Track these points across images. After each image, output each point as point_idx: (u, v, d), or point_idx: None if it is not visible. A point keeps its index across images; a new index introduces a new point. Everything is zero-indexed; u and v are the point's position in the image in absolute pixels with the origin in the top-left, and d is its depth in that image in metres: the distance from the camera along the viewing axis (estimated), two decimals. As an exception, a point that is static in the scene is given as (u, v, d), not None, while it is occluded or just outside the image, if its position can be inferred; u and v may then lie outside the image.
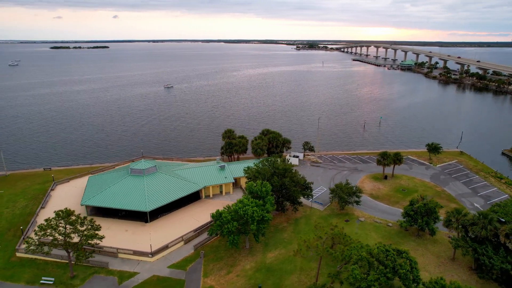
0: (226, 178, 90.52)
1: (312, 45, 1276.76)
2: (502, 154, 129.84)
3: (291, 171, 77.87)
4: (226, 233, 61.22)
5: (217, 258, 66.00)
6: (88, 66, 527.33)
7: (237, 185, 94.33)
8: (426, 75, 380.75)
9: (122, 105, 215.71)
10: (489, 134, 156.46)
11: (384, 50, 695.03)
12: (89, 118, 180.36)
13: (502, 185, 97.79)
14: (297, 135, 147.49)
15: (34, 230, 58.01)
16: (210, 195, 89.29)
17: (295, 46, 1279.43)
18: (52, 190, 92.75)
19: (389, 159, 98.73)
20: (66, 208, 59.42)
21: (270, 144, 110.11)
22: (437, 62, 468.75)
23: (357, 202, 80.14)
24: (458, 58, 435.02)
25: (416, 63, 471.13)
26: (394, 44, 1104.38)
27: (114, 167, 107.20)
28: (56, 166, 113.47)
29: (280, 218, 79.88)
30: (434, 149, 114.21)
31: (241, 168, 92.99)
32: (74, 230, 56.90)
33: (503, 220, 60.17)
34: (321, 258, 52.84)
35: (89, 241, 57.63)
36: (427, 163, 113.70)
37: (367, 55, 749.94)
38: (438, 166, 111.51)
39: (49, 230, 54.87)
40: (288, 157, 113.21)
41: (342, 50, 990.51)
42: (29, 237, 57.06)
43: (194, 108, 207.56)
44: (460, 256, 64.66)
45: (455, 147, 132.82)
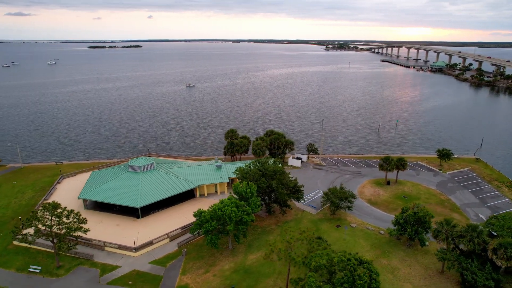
0: (221, 178, 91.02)
1: (342, 45, 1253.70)
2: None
3: (282, 173, 76.96)
4: (204, 232, 61.64)
5: (198, 257, 66.60)
6: (118, 65, 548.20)
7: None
8: (457, 77, 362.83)
9: (142, 103, 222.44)
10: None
11: (415, 51, 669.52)
12: (107, 115, 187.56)
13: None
14: (306, 137, 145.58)
15: (22, 221, 61.26)
16: (205, 194, 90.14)
17: (325, 47, 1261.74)
18: (58, 183, 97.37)
19: (391, 164, 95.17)
20: (53, 201, 62.25)
21: (272, 145, 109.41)
22: (471, 64, 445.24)
23: (349, 208, 77.93)
24: (488, 58, 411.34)
25: (447, 65, 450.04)
26: (430, 44, 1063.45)
27: (120, 163, 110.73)
28: (67, 160, 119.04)
29: (269, 220, 79.28)
30: (444, 155, 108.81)
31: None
32: (58, 222, 59.43)
33: (495, 233, 56.41)
34: (289, 263, 51.96)
35: (72, 233, 59.95)
36: (436, 170, 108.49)
37: (398, 56, 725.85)
38: (447, 173, 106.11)
39: (34, 222, 57.70)
40: (291, 158, 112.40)
41: (373, 50, 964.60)
42: (16, 226, 60.25)
43: (210, 107, 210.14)
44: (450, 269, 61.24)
45: (473, 154, 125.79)
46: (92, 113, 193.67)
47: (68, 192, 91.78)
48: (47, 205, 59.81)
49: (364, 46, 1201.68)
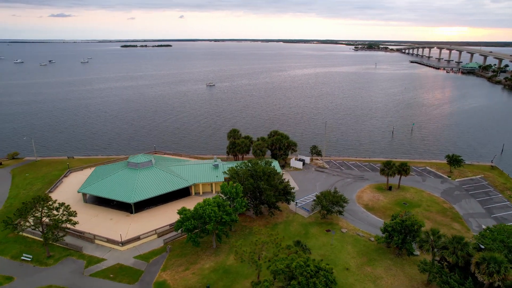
0: (217, 177, 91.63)
1: (371, 45, 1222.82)
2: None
3: (272, 175, 76.31)
4: (185, 230, 62.37)
5: (181, 254, 67.44)
6: (145, 63, 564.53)
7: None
8: (490, 80, 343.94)
9: (160, 101, 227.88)
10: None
11: (447, 51, 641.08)
12: (124, 112, 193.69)
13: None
14: (314, 139, 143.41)
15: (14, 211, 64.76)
16: (200, 193, 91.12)
17: (354, 47, 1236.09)
18: (65, 176, 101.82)
19: (392, 169, 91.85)
20: (45, 193, 65.18)
21: (273, 146, 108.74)
22: (507, 65, 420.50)
23: (340, 212, 76.13)
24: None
25: (480, 66, 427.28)
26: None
27: (125, 159, 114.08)
28: (79, 155, 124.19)
29: (259, 221, 78.90)
30: (454, 161, 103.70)
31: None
32: (47, 214, 62.24)
33: (483, 247, 53.07)
34: (260, 266, 51.47)
35: (60, 224, 62.56)
36: (445, 176, 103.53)
37: (429, 57, 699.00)
38: (456, 180, 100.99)
39: (24, 212, 60.79)
40: (293, 160, 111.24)
41: (403, 51, 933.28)
42: (8, 216, 63.69)
43: (225, 106, 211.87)
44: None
45: (490, 161, 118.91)
46: (110, 110, 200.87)
47: (72, 185, 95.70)
48: (38, 197, 62.73)
49: (394, 47, 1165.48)
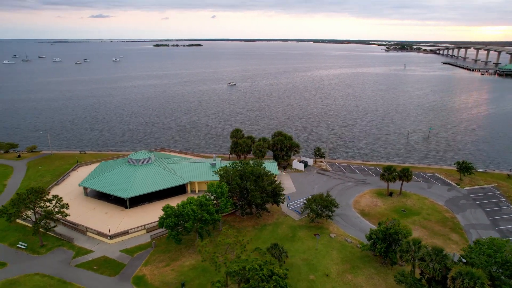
0: (213, 176, 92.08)
1: (404, 46, 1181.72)
2: None
3: (261, 176, 75.88)
4: (166, 227, 63.46)
5: (165, 251, 68.62)
6: (172, 62, 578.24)
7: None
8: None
9: (178, 100, 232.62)
10: None
11: (485, 52, 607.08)
12: (142, 110, 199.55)
13: (538, 220, 79.69)
14: (323, 141, 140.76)
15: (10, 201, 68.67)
16: (196, 190, 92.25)
17: (385, 47, 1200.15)
18: (73, 170, 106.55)
19: (393, 174, 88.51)
20: (39, 186, 68.62)
21: (275, 147, 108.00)
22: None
23: (329, 217, 74.44)
24: None
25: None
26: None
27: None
28: (91, 150, 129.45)
29: (248, 221, 78.73)
30: (464, 168, 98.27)
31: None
32: (39, 205, 65.50)
33: (465, 261, 50.04)
34: (219, 266, 51.36)
35: (51, 215, 65.64)
36: (453, 184, 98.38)
37: (465, 58, 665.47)
38: (465, 188, 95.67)
39: (18, 203, 64.36)
40: (295, 161, 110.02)
41: (437, 52, 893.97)
42: (4, 205, 67.57)
43: (241, 106, 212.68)
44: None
45: (509, 169, 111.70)
46: (128, 107, 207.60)
47: (78, 179, 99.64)
48: (31, 189, 66.15)
49: (428, 47, 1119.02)
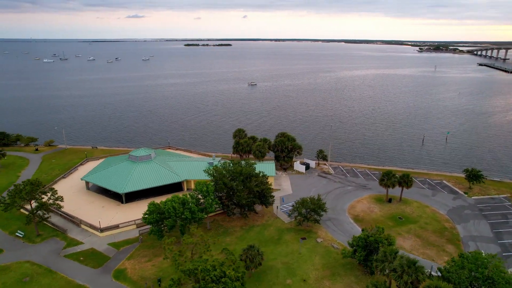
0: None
1: (438, 47, 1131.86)
2: None
3: (250, 176, 75.57)
4: (148, 223, 64.81)
5: (151, 246, 70.03)
6: (200, 62, 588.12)
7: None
8: None
9: (196, 99, 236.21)
10: None
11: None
12: (159, 108, 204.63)
13: (547, 236, 73.90)
14: (328, 143, 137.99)
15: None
16: (192, 188, 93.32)
17: (418, 48, 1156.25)
18: (81, 164, 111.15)
19: (392, 180, 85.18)
20: (36, 178, 72.25)
21: (276, 148, 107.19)
22: None
23: (316, 221, 72.94)
24: None
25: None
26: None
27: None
28: (103, 146, 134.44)
29: (236, 222, 78.69)
30: (473, 176, 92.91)
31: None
32: (34, 197, 69.00)
33: (439, 274, 47.41)
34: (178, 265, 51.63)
35: (44, 206, 68.96)
36: (461, 192, 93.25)
37: (505, 59, 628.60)
38: (473, 197, 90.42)
39: (13, 194, 68.16)
40: (297, 163, 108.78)
41: (475, 53, 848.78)
42: (2, 196, 71.72)
43: (256, 106, 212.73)
44: (396, 305, 53.35)
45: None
46: (147, 105, 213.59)
47: (84, 173, 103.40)
48: (27, 181, 69.82)
49: (465, 48, 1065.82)
